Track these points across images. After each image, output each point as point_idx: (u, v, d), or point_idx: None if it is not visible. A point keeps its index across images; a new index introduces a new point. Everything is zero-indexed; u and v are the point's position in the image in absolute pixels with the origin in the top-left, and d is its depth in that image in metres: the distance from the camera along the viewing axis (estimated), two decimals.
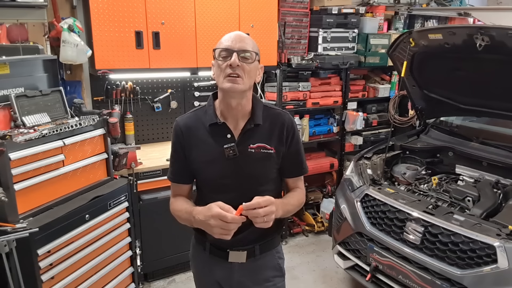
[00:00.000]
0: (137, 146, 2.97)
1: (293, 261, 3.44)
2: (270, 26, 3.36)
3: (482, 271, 2.01)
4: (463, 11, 3.84)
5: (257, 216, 1.30)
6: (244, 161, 1.46)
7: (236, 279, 1.58)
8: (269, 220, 1.33)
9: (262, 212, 1.30)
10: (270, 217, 1.33)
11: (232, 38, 1.40)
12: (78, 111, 2.53)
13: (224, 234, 1.33)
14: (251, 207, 1.30)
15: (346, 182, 2.90)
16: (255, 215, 1.30)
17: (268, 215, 1.31)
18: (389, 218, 2.46)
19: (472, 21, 4.08)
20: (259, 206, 1.30)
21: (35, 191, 2.07)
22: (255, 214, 1.30)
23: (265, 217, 1.31)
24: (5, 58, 2.20)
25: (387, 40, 3.92)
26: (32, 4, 2.48)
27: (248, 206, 1.30)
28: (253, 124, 1.48)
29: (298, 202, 1.59)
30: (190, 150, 1.50)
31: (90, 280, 2.32)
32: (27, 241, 1.88)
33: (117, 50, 2.80)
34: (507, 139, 2.88)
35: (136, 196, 2.86)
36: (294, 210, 1.58)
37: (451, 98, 3.02)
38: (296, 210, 1.59)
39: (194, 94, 3.55)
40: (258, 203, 1.30)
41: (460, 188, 2.63)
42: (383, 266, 2.45)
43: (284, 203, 1.49)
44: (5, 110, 2.17)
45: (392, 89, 4.18)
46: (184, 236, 1.94)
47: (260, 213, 1.30)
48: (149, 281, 3.12)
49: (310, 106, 3.71)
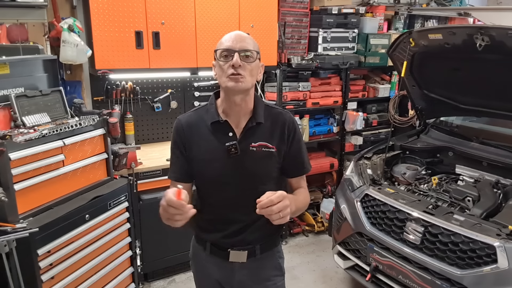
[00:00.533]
0: (137, 146, 2.97)
1: (293, 261, 3.44)
2: (270, 26, 3.36)
3: (482, 271, 2.01)
4: (463, 11, 3.85)
5: (271, 214, 1.27)
6: (245, 160, 1.46)
7: (236, 279, 1.58)
8: (285, 215, 1.29)
9: (275, 209, 1.26)
10: (285, 211, 1.29)
11: (232, 38, 1.40)
12: (78, 111, 2.53)
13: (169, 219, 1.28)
14: (264, 206, 1.26)
15: (346, 182, 2.90)
16: (269, 212, 1.26)
17: (283, 210, 1.28)
18: (389, 218, 2.46)
19: (472, 21, 4.08)
20: (272, 203, 1.26)
21: (35, 191, 2.07)
22: (269, 212, 1.26)
23: (280, 212, 1.27)
24: (5, 58, 2.20)
25: (387, 40, 3.92)
26: (32, 4, 2.48)
27: (261, 206, 1.26)
28: (254, 122, 1.48)
29: (305, 200, 1.58)
30: (191, 148, 1.50)
31: (90, 280, 2.32)
32: (27, 241, 1.88)
33: (117, 50, 2.80)
34: (507, 139, 2.88)
35: (136, 196, 2.86)
36: (303, 208, 1.57)
37: (451, 98, 3.01)
38: (303, 208, 1.58)
39: (194, 94, 3.55)
40: (271, 201, 1.26)
41: (460, 188, 2.63)
42: (383, 266, 2.45)
43: (295, 199, 1.47)
44: (5, 110, 2.17)
45: (392, 89, 4.18)
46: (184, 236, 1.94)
47: (274, 210, 1.26)
48: (149, 281, 3.12)
49: (310, 106, 3.71)
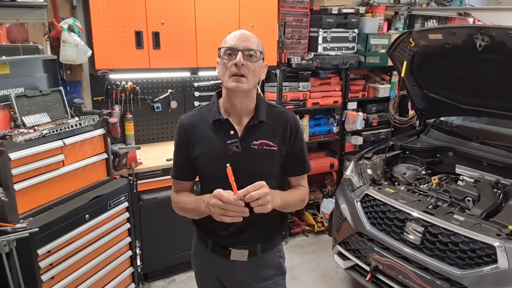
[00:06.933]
0: (137, 146, 2.97)
1: (293, 261, 3.44)
2: (270, 26, 3.36)
3: (482, 271, 2.01)
4: (463, 11, 3.84)
5: (252, 200, 1.31)
6: (247, 157, 1.47)
7: (237, 277, 1.59)
8: (265, 203, 1.33)
9: (255, 195, 1.30)
10: (265, 199, 1.32)
11: (237, 37, 1.41)
12: (78, 111, 2.53)
13: (222, 215, 1.33)
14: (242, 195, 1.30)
15: (346, 182, 2.90)
16: (250, 199, 1.31)
17: (262, 197, 1.32)
18: (389, 218, 2.46)
19: (472, 21, 4.08)
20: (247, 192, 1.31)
21: (35, 191, 2.07)
22: (250, 198, 1.31)
23: (259, 200, 1.31)
24: (5, 58, 2.20)
25: (387, 40, 3.92)
26: (32, 4, 2.48)
27: (239, 196, 1.30)
28: (256, 120, 1.49)
29: (298, 196, 1.58)
30: (193, 147, 1.51)
31: (90, 280, 2.32)
32: (27, 241, 1.88)
33: (117, 50, 2.80)
34: (507, 139, 2.88)
35: (136, 196, 2.86)
36: (295, 204, 1.57)
37: (451, 98, 3.01)
38: (297, 204, 1.58)
39: (194, 94, 3.55)
40: (247, 189, 1.31)
41: (460, 188, 2.63)
42: (383, 266, 2.45)
43: (283, 193, 1.49)
44: (5, 110, 2.17)
45: (392, 89, 4.18)
46: (184, 236, 1.94)
47: (254, 196, 1.30)
48: (149, 281, 3.12)
49: (310, 106, 3.71)
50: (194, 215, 1.54)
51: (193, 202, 1.49)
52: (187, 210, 1.54)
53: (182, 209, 1.56)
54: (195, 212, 1.50)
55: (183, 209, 1.55)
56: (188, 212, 1.54)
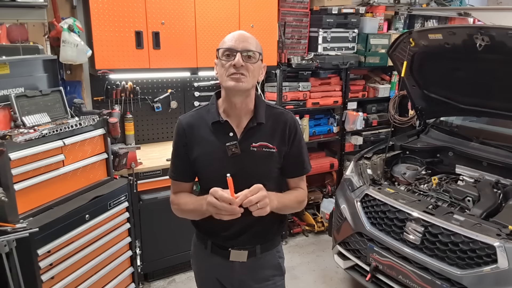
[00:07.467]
0: (137, 146, 2.97)
1: (293, 261, 3.44)
2: (270, 26, 3.36)
3: (482, 271, 2.01)
4: (463, 11, 3.84)
5: (250, 205, 1.31)
6: (246, 159, 1.46)
7: (236, 277, 1.59)
8: (263, 206, 1.33)
9: (254, 199, 1.30)
10: (264, 202, 1.32)
11: (235, 37, 1.40)
12: (78, 111, 2.53)
13: (218, 214, 1.33)
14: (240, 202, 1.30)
15: (346, 182, 2.90)
16: (249, 203, 1.30)
17: (261, 200, 1.32)
18: (389, 218, 2.46)
19: (472, 21, 4.08)
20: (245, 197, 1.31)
21: (35, 191, 2.07)
22: (249, 203, 1.30)
23: (258, 203, 1.31)
24: (5, 58, 2.20)
25: (387, 40, 3.92)
26: (32, 4, 2.48)
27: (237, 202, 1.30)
28: (255, 122, 1.48)
29: (296, 198, 1.58)
30: (192, 148, 1.51)
31: (90, 280, 2.32)
32: (27, 241, 1.88)
33: (117, 50, 2.80)
34: (507, 139, 2.88)
35: (136, 196, 2.86)
36: (292, 206, 1.57)
37: (451, 98, 3.01)
38: (295, 206, 1.58)
39: (194, 94, 3.55)
40: (245, 195, 1.31)
41: (460, 188, 2.63)
42: (383, 266, 2.45)
43: (280, 195, 1.49)
44: (5, 110, 2.17)
45: (392, 89, 4.18)
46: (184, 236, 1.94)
47: (253, 200, 1.30)
48: (149, 281, 3.12)
49: (310, 106, 3.71)
50: (195, 216, 1.53)
51: (194, 203, 1.49)
52: (187, 211, 1.53)
53: (183, 211, 1.55)
54: (196, 213, 1.49)
55: (184, 210, 1.54)
56: (189, 213, 1.54)
